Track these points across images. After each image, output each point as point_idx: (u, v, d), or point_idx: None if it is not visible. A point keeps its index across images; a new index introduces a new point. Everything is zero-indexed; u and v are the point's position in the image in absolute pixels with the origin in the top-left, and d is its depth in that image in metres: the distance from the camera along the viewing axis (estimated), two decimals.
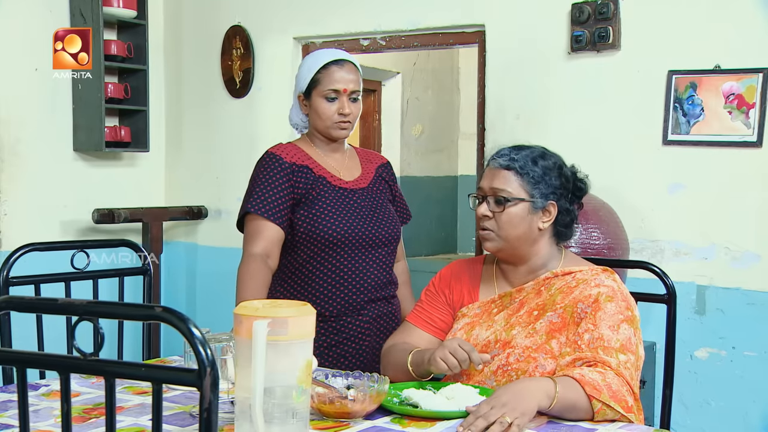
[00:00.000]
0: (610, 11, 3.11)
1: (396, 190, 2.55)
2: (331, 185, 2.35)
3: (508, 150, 1.96)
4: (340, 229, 2.30)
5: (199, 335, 1.05)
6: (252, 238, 2.30)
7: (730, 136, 2.93)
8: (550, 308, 1.89)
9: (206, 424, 1.05)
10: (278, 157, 2.35)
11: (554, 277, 1.94)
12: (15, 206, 3.78)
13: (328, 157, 2.41)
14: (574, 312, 1.86)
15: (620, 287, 1.89)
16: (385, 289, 2.39)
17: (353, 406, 1.63)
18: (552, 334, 1.86)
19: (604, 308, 1.83)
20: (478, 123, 3.51)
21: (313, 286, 2.31)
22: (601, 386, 1.69)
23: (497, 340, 1.90)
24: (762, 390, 2.93)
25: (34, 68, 3.82)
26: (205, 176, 4.28)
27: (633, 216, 3.06)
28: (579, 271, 1.93)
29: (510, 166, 1.92)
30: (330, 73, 2.32)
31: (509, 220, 1.91)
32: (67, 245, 2.46)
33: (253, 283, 2.24)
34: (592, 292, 1.86)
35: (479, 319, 1.98)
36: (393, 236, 2.41)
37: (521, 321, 1.91)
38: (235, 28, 4.13)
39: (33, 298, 1.20)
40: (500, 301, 1.98)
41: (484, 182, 1.96)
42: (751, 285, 2.94)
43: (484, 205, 1.94)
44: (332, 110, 2.33)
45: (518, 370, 1.85)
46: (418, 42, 3.67)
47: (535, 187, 1.92)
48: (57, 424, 1.59)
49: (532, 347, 1.85)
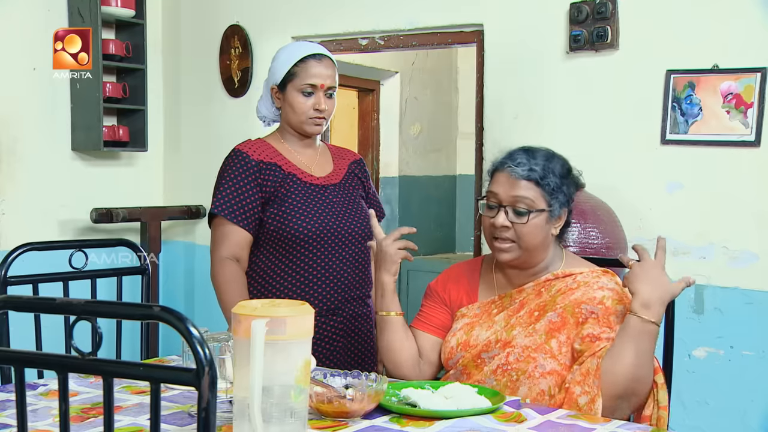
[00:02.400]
0: (608, 11, 3.11)
1: (369, 187, 2.49)
2: (301, 182, 2.30)
3: (523, 157, 1.90)
4: (311, 226, 2.25)
5: (198, 335, 1.05)
6: (220, 242, 2.27)
7: (729, 136, 2.93)
8: (550, 309, 1.89)
9: (204, 423, 1.05)
10: (245, 155, 2.29)
11: (555, 279, 1.93)
12: (13, 205, 3.78)
13: (299, 153, 2.36)
14: (575, 312, 1.86)
15: (624, 290, 1.89)
16: (359, 287, 2.34)
17: (352, 406, 1.63)
18: (551, 333, 1.86)
19: (615, 312, 1.84)
20: (477, 122, 3.51)
21: (286, 286, 2.27)
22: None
23: (498, 340, 1.90)
24: (760, 389, 2.93)
25: (32, 67, 3.82)
26: (203, 176, 4.26)
27: (631, 215, 3.06)
28: (580, 273, 1.93)
29: (530, 177, 1.87)
30: (307, 68, 2.27)
31: (531, 232, 1.88)
32: (65, 245, 2.45)
33: (235, 287, 2.23)
34: (597, 295, 1.86)
35: (479, 320, 1.97)
36: (366, 233, 2.34)
37: (522, 321, 1.90)
38: (233, 28, 4.13)
39: (31, 297, 1.20)
40: (500, 302, 1.98)
41: (500, 189, 1.90)
42: (749, 284, 2.94)
43: (502, 215, 1.89)
44: (308, 105, 2.28)
45: (518, 369, 1.85)
46: (416, 41, 3.67)
47: (553, 197, 1.90)
48: (55, 424, 1.59)
49: (531, 347, 1.86)
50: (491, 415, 1.67)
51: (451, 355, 1.97)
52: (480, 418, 1.65)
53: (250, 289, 2.30)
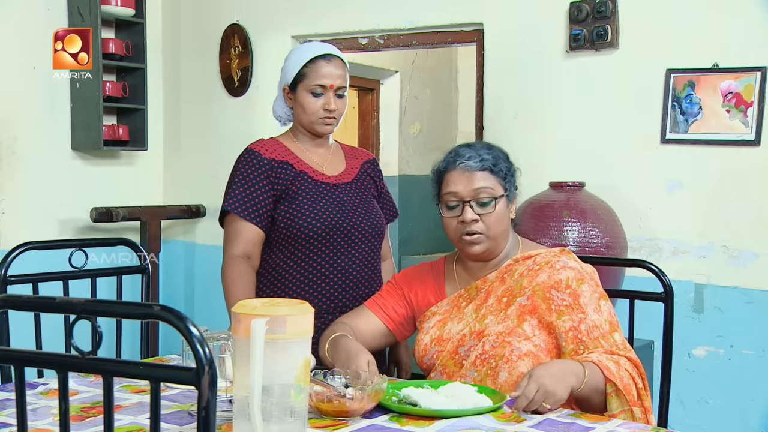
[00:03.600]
0: (608, 10, 3.11)
1: (382, 186, 2.50)
2: (312, 180, 2.31)
3: (470, 151, 1.97)
4: (321, 223, 2.26)
5: (198, 334, 1.05)
6: (232, 239, 2.28)
7: (728, 135, 2.93)
8: (518, 293, 1.93)
9: (204, 422, 1.05)
10: (257, 154, 2.31)
11: (515, 263, 1.98)
12: (13, 205, 3.78)
13: (311, 152, 2.37)
14: (546, 297, 1.89)
15: (583, 267, 1.95)
16: (368, 286, 2.35)
17: (351, 405, 1.63)
18: (523, 317, 1.90)
19: (581, 293, 1.89)
20: (477, 122, 3.51)
21: (295, 284, 2.28)
22: (614, 374, 1.77)
23: (471, 332, 1.94)
24: (760, 388, 2.93)
25: (32, 66, 3.82)
26: (203, 175, 4.27)
27: (631, 214, 3.06)
28: (538, 254, 1.98)
29: (484, 167, 1.95)
30: (317, 68, 2.28)
31: (497, 219, 1.95)
32: (65, 244, 2.45)
33: (241, 286, 2.23)
34: (561, 277, 1.90)
35: (449, 315, 2.01)
36: (376, 231, 2.36)
37: (492, 309, 1.94)
38: (233, 27, 4.12)
39: (31, 296, 1.20)
40: (467, 294, 2.01)
41: (458, 187, 1.95)
42: (748, 283, 2.94)
43: (468, 209, 1.94)
44: (318, 105, 2.29)
45: (495, 356, 1.88)
46: (416, 41, 3.67)
47: (506, 180, 1.98)
48: (55, 423, 1.59)
49: (505, 332, 1.89)
50: (491, 415, 1.67)
51: (425, 351, 2.00)
52: (479, 417, 1.65)
53: (262, 287, 2.32)
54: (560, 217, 2.85)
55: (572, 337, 1.86)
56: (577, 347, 1.85)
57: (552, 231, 2.84)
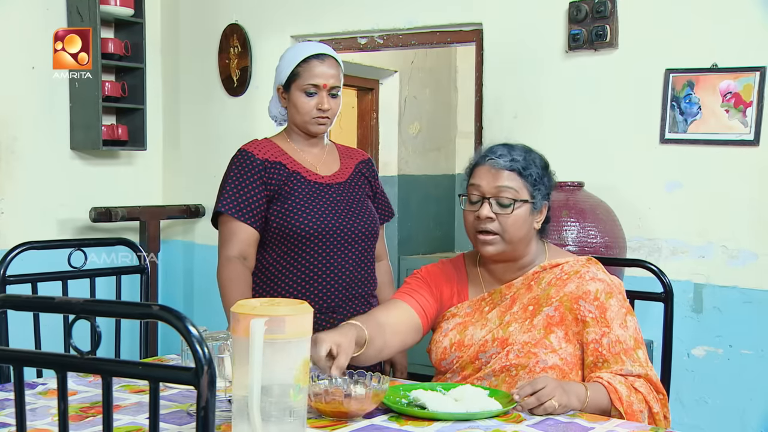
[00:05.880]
0: (607, 10, 3.11)
1: (377, 187, 2.49)
2: (305, 180, 2.31)
3: (504, 149, 1.91)
4: (314, 223, 2.25)
5: (197, 334, 1.05)
6: (227, 240, 2.28)
7: (728, 135, 2.93)
8: (545, 303, 1.89)
9: (203, 422, 1.05)
10: (250, 155, 2.31)
11: (543, 271, 1.94)
12: (12, 205, 3.78)
13: (305, 152, 2.37)
14: (573, 308, 1.86)
15: (612, 279, 1.91)
16: (362, 286, 2.34)
17: (351, 406, 1.62)
18: (550, 328, 1.86)
19: (609, 307, 1.85)
20: (476, 121, 3.51)
21: (288, 284, 2.27)
22: (623, 400, 1.76)
23: (494, 338, 1.89)
24: (759, 388, 2.93)
25: (31, 66, 3.82)
26: (202, 175, 4.27)
27: (630, 214, 3.06)
28: (566, 263, 1.94)
29: (513, 167, 1.88)
30: (310, 68, 2.28)
31: (515, 223, 1.88)
32: (64, 244, 2.45)
33: (237, 287, 2.23)
34: (590, 288, 1.86)
35: (471, 318, 1.96)
36: (370, 231, 2.35)
37: (517, 317, 1.90)
38: (232, 27, 4.12)
39: (30, 296, 1.20)
40: (490, 299, 1.96)
41: (482, 182, 1.90)
42: (748, 283, 2.94)
43: (486, 206, 1.88)
44: (311, 105, 2.29)
45: (519, 366, 1.85)
46: (415, 40, 3.67)
47: (536, 188, 1.90)
48: (54, 423, 1.59)
49: (531, 342, 1.85)
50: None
51: (444, 355, 1.95)
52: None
53: (256, 288, 2.31)
54: (559, 217, 2.84)
55: (593, 350, 1.84)
56: (597, 360, 1.83)
57: (551, 231, 2.83)
